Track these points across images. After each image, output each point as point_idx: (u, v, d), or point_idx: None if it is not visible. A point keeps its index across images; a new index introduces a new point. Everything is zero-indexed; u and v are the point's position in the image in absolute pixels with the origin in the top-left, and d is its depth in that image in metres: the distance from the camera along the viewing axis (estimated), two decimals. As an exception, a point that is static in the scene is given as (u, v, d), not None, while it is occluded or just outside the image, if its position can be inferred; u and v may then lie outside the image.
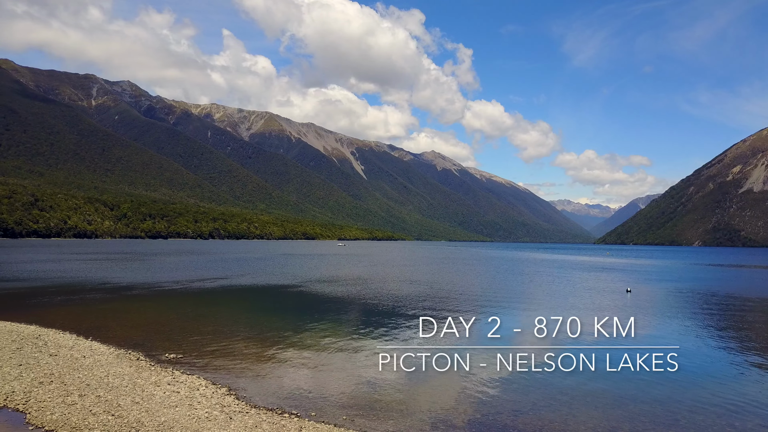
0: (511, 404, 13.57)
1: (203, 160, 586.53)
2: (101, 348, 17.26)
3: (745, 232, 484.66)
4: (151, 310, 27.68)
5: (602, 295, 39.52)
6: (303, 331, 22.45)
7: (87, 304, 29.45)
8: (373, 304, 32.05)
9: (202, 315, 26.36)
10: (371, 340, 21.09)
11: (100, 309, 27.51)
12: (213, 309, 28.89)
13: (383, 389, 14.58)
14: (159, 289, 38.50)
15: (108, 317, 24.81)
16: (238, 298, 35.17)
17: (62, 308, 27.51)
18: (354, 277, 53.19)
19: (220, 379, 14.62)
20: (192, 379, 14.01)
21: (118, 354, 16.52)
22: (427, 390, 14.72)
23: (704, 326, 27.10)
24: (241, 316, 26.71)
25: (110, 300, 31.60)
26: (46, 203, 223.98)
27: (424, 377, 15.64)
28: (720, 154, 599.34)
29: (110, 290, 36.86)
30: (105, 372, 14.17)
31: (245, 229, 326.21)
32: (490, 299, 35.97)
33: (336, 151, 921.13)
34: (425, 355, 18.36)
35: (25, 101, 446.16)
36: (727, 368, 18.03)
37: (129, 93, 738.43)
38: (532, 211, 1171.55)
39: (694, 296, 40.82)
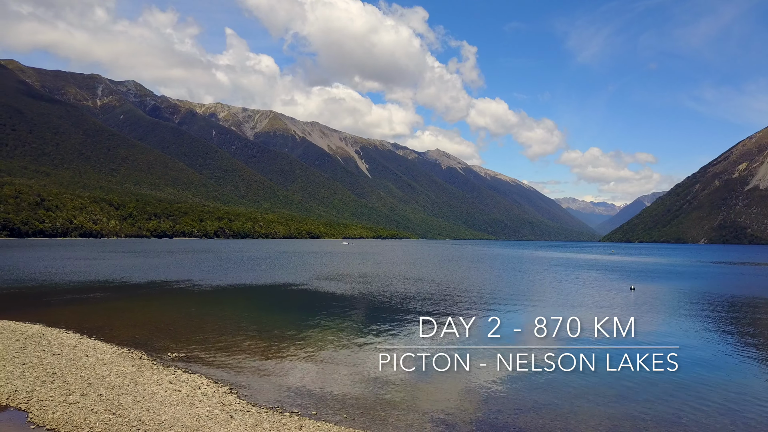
0: (512, 403, 13.53)
1: (208, 159, 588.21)
2: (104, 347, 17.36)
3: (752, 229, 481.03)
4: (156, 309, 27.84)
5: (606, 293, 39.31)
6: (305, 329, 22.51)
7: (91, 303, 29.66)
8: (375, 303, 32.08)
9: (206, 314, 26.48)
10: (373, 339, 21.07)
11: (104, 308, 27.71)
12: (217, 308, 29.03)
13: (384, 389, 14.60)
14: (164, 288, 38.68)
15: (112, 316, 24.97)
16: (241, 297, 35.31)
17: (67, 307, 27.71)
18: (356, 275, 53.19)
19: (222, 377, 14.69)
20: (194, 378, 14.08)
21: (121, 353, 16.62)
22: (428, 389, 14.72)
23: (707, 325, 26.93)
24: (245, 314, 26.83)
25: (115, 299, 31.81)
26: (51, 203, 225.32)
27: (425, 377, 15.63)
28: (726, 151, 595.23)
29: (115, 289, 37.09)
30: (107, 371, 14.26)
31: (250, 228, 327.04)
32: (493, 298, 35.92)
33: (340, 150, 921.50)
34: (426, 354, 18.44)
35: (30, 101, 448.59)
36: (728, 368, 17.89)
37: (134, 93, 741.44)
38: (537, 209, 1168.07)
39: (698, 295, 40.59)
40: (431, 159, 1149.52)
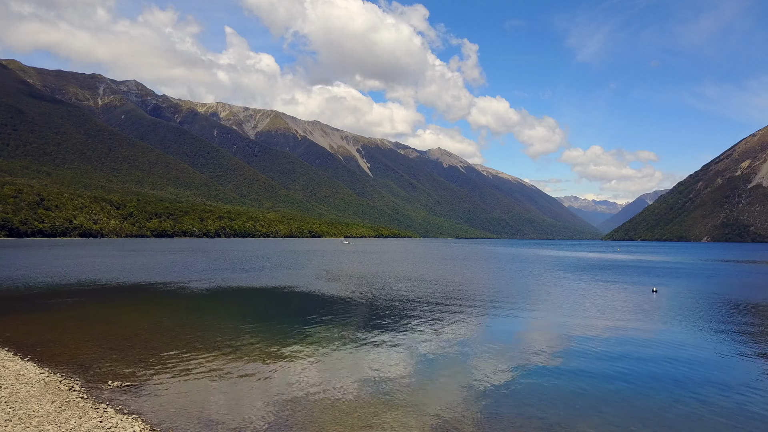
0: (512, 403, 13.15)
1: (209, 158, 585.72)
2: (32, 372, 13.86)
3: (755, 227, 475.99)
4: (124, 318, 24.46)
5: (629, 296, 36.24)
6: (291, 343, 19.13)
7: (54, 309, 26.31)
8: (372, 304, 28.83)
9: (180, 324, 23.15)
10: (372, 340, 19.11)
11: (65, 316, 24.35)
12: (194, 316, 25.67)
13: (384, 389, 14.06)
14: (146, 291, 35.42)
15: (68, 327, 21.62)
16: (227, 302, 31.95)
17: (22, 315, 24.42)
18: (352, 274, 49.92)
19: (167, 419, 11.30)
20: (125, 423, 10.52)
21: (48, 382, 13.12)
22: (429, 389, 14.17)
23: (732, 332, 23.84)
24: (224, 325, 23.40)
25: (83, 305, 28.47)
26: (51, 203, 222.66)
27: (426, 376, 15.27)
28: (728, 149, 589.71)
29: (91, 293, 33.81)
30: (12, 411, 10.81)
31: (251, 227, 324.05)
32: (504, 299, 32.52)
33: (342, 149, 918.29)
34: (427, 354, 17.95)
35: (32, 101, 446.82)
36: (743, 374, 16.30)
37: (135, 92, 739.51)
38: (539, 208, 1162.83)
39: (726, 298, 37.03)
40: (433, 158, 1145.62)
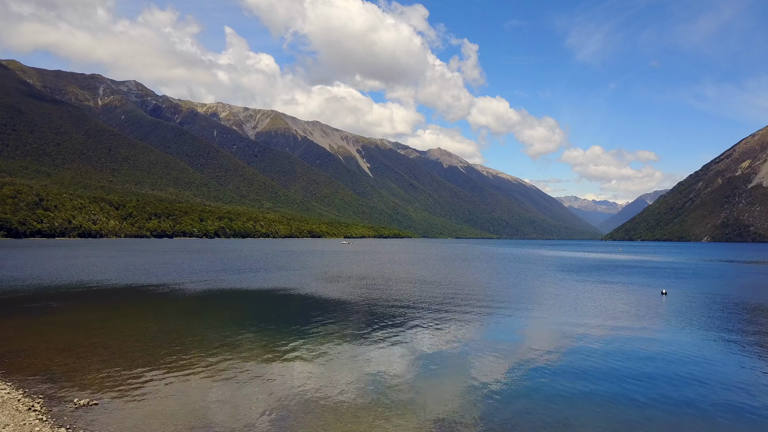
0: (513, 403, 13.05)
1: (209, 159, 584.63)
2: (-8, 388, 12.73)
3: (755, 227, 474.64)
4: (106, 325, 23.15)
5: (639, 299, 35.13)
6: (285, 350, 17.91)
7: (34, 315, 25.05)
8: (372, 305, 27.66)
9: (166, 331, 21.91)
10: (371, 341, 18.62)
11: (42, 322, 23.06)
12: (184, 321, 24.43)
13: (385, 389, 13.98)
14: (136, 294, 34.19)
15: (43, 335, 20.35)
16: (219, 306, 30.72)
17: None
18: (352, 275, 48.74)
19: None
20: None
21: (6, 399, 11.78)
22: (430, 390, 14.05)
23: (749, 332, 22.81)
24: (213, 332, 22.13)
25: (66, 309, 27.23)
26: (50, 203, 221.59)
27: (427, 377, 15.22)
28: (728, 149, 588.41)
29: (79, 296, 32.58)
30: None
31: (251, 227, 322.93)
32: (507, 300, 31.28)
33: (342, 149, 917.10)
34: (428, 355, 17.71)
35: (31, 102, 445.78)
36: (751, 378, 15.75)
37: (135, 92, 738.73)
38: (539, 208, 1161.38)
39: (739, 301, 35.78)
40: (433, 158, 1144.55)
